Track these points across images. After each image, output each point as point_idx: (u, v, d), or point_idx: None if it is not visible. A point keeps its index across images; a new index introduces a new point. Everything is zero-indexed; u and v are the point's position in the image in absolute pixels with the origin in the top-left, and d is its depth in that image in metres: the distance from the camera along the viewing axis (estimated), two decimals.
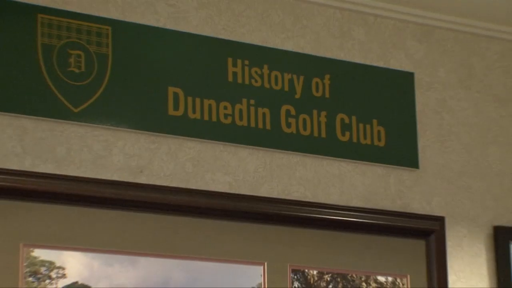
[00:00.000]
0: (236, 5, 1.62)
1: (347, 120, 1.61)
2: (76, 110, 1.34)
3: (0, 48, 1.35)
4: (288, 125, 1.55)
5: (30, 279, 1.27)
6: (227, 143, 1.48)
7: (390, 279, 1.60)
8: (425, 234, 1.60)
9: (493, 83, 1.90)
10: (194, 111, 1.45)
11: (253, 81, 1.54)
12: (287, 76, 1.58)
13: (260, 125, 1.52)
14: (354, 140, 1.61)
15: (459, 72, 1.81)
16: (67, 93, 1.35)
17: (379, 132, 1.63)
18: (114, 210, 1.37)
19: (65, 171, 1.33)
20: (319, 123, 1.59)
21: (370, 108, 1.64)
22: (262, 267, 1.46)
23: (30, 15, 1.35)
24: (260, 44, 1.59)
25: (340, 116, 1.60)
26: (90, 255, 1.36)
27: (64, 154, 1.34)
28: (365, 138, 1.62)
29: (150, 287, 1.43)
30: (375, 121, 1.63)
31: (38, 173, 1.30)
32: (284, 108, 1.55)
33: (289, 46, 1.62)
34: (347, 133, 1.61)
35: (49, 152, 1.34)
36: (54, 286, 1.29)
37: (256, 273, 1.46)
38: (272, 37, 1.62)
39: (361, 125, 1.62)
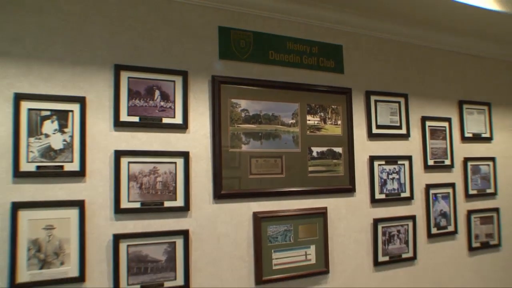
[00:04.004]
0: (293, 28, 2.70)
1: (322, 59, 2.82)
2: (242, 58, 2.57)
3: (221, 41, 2.46)
4: (306, 61, 2.77)
5: (231, 107, 2.44)
6: (290, 68, 2.71)
7: (335, 107, 2.83)
8: (345, 93, 2.87)
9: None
10: (277, 58, 2.68)
11: (296, 48, 2.75)
12: (306, 47, 2.78)
13: (297, 61, 2.73)
14: (326, 65, 2.84)
15: (356, 45, 2.88)
16: (241, 53, 2.56)
17: (332, 62, 2.87)
18: (257, 87, 2.56)
19: (241, 75, 2.52)
20: (314, 60, 2.81)
21: (331, 56, 2.85)
22: (298, 104, 2.68)
23: (228, 31, 2.52)
24: (298, 37, 2.75)
25: (321, 58, 2.83)
26: (249, 101, 2.53)
27: (237, 72, 2.54)
28: (328, 65, 2.86)
29: (260, 111, 2.66)
30: (331, 59, 2.87)
31: (233, 77, 2.48)
32: (304, 57, 2.77)
33: (307, 37, 2.76)
34: (323, 64, 2.82)
35: (235, 71, 2.53)
36: (238, 109, 2.47)
37: (295, 106, 2.67)
38: (301, 34, 2.75)
39: (327, 61, 2.85)
